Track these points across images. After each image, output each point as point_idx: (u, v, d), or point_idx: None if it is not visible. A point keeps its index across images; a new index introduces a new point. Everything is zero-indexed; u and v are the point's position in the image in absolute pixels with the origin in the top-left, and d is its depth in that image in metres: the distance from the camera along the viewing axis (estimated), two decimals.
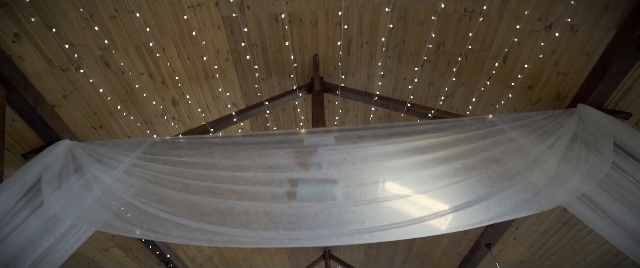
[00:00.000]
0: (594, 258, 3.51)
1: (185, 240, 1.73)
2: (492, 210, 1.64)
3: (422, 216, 1.62)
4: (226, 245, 1.73)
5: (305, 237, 1.62)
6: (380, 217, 1.64)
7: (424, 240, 5.25)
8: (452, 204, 1.67)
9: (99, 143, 2.48)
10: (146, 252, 4.04)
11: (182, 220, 1.70)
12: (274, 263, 6.71)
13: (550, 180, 1.83)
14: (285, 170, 1.94)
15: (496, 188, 1.74)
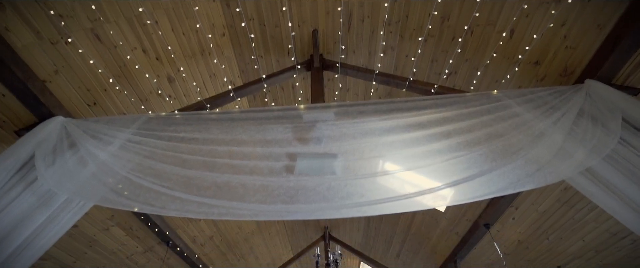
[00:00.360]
0: (592, 237, 3.52)
1: (181, 213, 1.70)
2: (495, 184, 1.60)
3: (423, 189, 1.59)
4: (222, 217, 1.70)
5: (304, 210, 1.59)
6: (381, 191, 1.60)
7: (422, 221, 5.29)
8: (453, 178, 1.63)
9: (93, 120, 2.42)
10: (146, 231, 4.06)
11: (178, 194, 1.67)
12: (274, 244, 6.81)
13: (555, 155, 1.78)
14: (283, 145, 1.89)
15: (499, 163, 1.69)
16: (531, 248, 4.15)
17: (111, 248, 3.94)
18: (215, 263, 5.63)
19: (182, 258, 4.74)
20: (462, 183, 1.60)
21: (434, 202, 1.63)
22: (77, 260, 3.73)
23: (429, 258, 5.88)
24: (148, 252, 4.37)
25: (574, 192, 3.29)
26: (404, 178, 1.68)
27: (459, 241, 4.87)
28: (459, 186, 1.61)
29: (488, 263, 5.01)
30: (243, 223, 5.56)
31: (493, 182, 1.61)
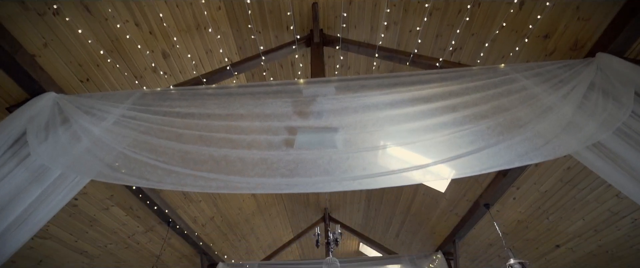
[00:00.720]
0: (592, 216, 3.52)
1: (178, 186, 1.66)
2: (502, 156, 1.55)
3: (428, 162, 1.53)
4: (220, 191, 1.66)
5: (304, 183, 1.55)
6: (383, 164, 1.55)
7: (422, 202, 5.31)
8: (459, 151, 1.57)
9: (86, 96, 2.35)
10: (147, 211, 4.06)
11: (175, 168, 1.63)
12: (275, 225, 6.87)
13: (564, 128, 1.72)
14: (282, 119, 1.82)
15: (506, 136, 1.64)
16: (531, 227, 4.17)
17: (112, 228, 3.95)
18: (216, 243, 5.69)
19: (183, 238, 4.77)
20: (468, 156, 1.55)
21: (439, 174, 1.57)
22: (79, 239, 3.75)
23: (428, 238, 5.94)
24: (149, 231, 4.39)
25: (577, 172, 3.26)
26: (408, 151, 1.62)
27: (458, 221, 4.89)
28: (465, 159, 1.55)
29: (487, 243, 5.06)
30: (243, 204, 5.58)
31: (500, 155, 1.56)
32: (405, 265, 5.27)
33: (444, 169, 1.57)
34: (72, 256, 3.83)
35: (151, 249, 4.63)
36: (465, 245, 5.37)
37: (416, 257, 5.30)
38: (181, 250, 5.21)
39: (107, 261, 4.27)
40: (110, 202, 3.67)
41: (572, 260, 4.14)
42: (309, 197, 6.21)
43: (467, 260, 5.68)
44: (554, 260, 4.33)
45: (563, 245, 4.05)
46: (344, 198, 6.22)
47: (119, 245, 4.22)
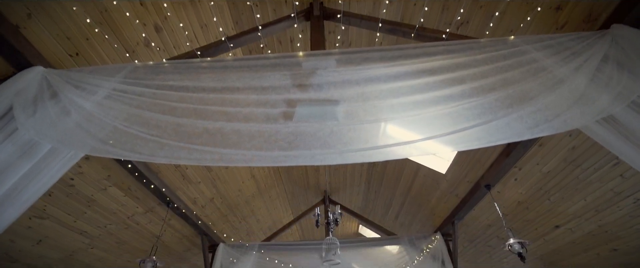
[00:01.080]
0: (594, 197, 3.49)
1: (171, 159, 1.59)
2: (511, 129, 1.48)
3: (433, 134, 1.46)
4: (215, 164, 1.59)
5: (304, 155, 1.48)
6: (386, 136, 1.48)
7: (423, 184, 5.29)
8: (466, 124, 1.50)
9: (76, 70, 2.24)
10: (145, 191, 4.03)
11: (168, 141, 1.55)
12: (275, 207, 6.90)
13: (576, 101, 1.64)
14: (281, 92, 1.73)
15: (516, 108, 1.55)
16: (531, 208, 4.16)
17: (111, 209, 3.93)
18: (217, 224, 5.72)
19: (183, 219, 4.77)
20: (475, 128, 1.47)
21: (445, 147, 1.50)
22: (77, 219, 3.73)
23: (427, 219, 5.97)
24: (149, 212, 4.38)
25: (582, 151, 3.20)
26: (412, 123, 1.54)
27: (458, 203, 4.88)
28: (473, 131, 1.48)
29: (485, 224, 5.08)
30: (243, 186, 5.57)
31: (509, 127, 1.48)
32: (404, 246, 5.32)
33: (451, 142, 1.50)
34: (72, 236, 3.83)
35: (152, 230, 4.64)
36: (464, 226, 5.39)
37: (415, 237, 5.34)
38: (182, 231, 5.23)
39: (108, 241, 4.28)
40: (107, 182, 3.63)
41: (571, 241, 4.15)
42: (308, 179, 6.20)
43: (465, 241, 5.73)
44: (553, 241, 4.35)
45: (563, 225, 4.05)
46: (344, 181, 6.21)
47: (119, 226, 4.22)
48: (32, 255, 3.64)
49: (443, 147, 1.50)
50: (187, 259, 5.94)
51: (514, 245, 3.55)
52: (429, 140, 1.46)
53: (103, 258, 4.42)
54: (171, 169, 4.17)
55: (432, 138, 1.46)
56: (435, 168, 4.75)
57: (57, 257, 3.90)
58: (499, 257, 5.52)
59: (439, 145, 1.50)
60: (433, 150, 1.51)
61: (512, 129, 1.48)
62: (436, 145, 1.50)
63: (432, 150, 1.51)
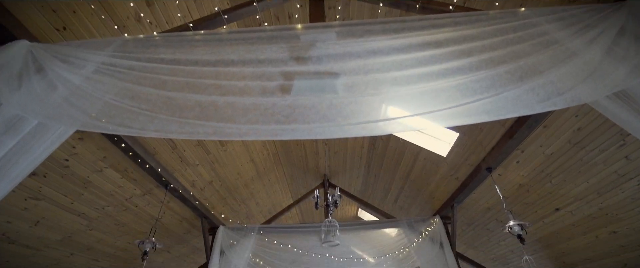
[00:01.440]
0: (597, 179, 3.45)
1: (162, 133, 1.52)
2: (521, 101, 1.39)
3: (440, 107, 1.38)
4: (208, 137, 1.53)
5: (301, 129, 1.41)
6: (390, 109, 1.40)
7: (423, 167, 5.25)
8: (474, 97, 1.41)
9: (63, 44, 2.14)
10: (142, 173, 3.99)
11: (158, 115, 1.47)
12: (275, 191, 6.90)
13: (590, 75, 1.55)
14: (278, 65, 1.64)
15: (526, 81, 1.47)
16: (532, 191, 4.13)
17: (108, 190, 3.89)
18: (216, 207, 5.72)
19: (182, 202, 4.76)
20: (484, 100, 1.39)
21: (453, 120, 1.43)
22: (74, 201, 3.70)
23: (427, 203, 5.98)
24: (147, 194, 4.36)
25: (588, 132, 3.13)
26: (417, 96, 1.46)
27: (458, 186, 4.86)
28: (481, 104, 1.40)
29: (485, 207, 5.07)
30: (242, 170, 5.53)
31: (520, 99, 1.40)
32: (402, 229, 5.34)
33: (458, 115, 1.42)
34: (70, 217, 3.81)
35: (150, 212, 4.63)
36: (463, 209, 5.40)
37: (414, 220, 5.35)
38: (181, 213, 5.23)
39: (107, 223, 4.27)
40: (103, 163, 3.57)
41: (571, 223, 4.15)
42: (308, 163, 6.16)
43: (464, 224, 5.75)
44: (552, 223, 4.34)
45: (563, 208, 4.03)
46: (343, 164, 6.17)
47: (117, 208, 4.20)
48: (30, 237, 3.63)
49: (450, 120, 1.43)
50: (187, 241, 5.98)
51: (514, 227, 3.54)
52: (436, 112, 1.38)
53: (103, 240, 4.42)
54: (168, 151, 4.11)
55: (438, 111, 1.38)
56: (436, 151, 4.70)
57: (56, 238, 3.89)
58: (497, 240, 5.56)
59: (446, 118, 1.42)
60: (440, 124, 1.44)
61: (522, 102, 1.40)
62: (443, 119, 1.42)
63: (439, 123, 1.43)
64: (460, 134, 4.16)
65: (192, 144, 4.32)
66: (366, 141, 5.45)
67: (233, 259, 5.03)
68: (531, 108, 1.39)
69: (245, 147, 5.15)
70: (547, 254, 4.96)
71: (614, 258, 4.15)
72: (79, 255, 4.32)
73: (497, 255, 5.87)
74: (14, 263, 3.76)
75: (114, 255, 4.82)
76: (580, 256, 4.54)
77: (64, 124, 1.67)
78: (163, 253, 5.77)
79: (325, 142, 5.50)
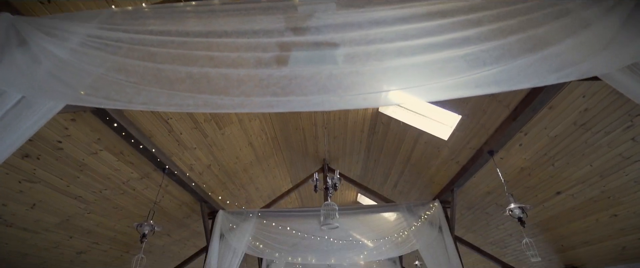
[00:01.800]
0: (601, 162, 3.39)
1: (150, 106, 1.44)
2: (534, 71, 1.30)
3: (447, 78, 1.29)
4: (199, 110, 1.44)
5: (299, 101, 1.32)
6: (393, 80, 1.31)
7: (423, 152, 5.19)
8: (484, 68, 1.32)
9: (48, 17, 2.02)
10: (139, 157, 3.92)
11: (146, 87, 1.39)
12: (274, 175, 6.87)
13: (605, 45, 1.45)
14: (273, 36, 1.54)
15: (539, 51, 1.37)
16: (533, 175, 4.08)
17: (104, 174, 3.84)
18: (216, 192, 5.69)
19: (181, 186, 4.72)
20: (494, 71, 1.30)
21: (462, 92, 1.34)
22: (70, 184, 3.65)
23: (426, 187, 5.96)
24: (144, 178, 4.31)
25: (594, 114, 3.05)
26: (423, 67, 1.37)
27: (458, 170, 4.82)
28: (492, 74, 1.31)
29: (485, 191, 5.05)
30: (240, 154, 5.47)
31: (532, 70, 1.31)
32: (402, 213, 5.33)
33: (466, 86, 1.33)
34: (67, 201, 3.77)
35: (149, 196, 4.60)
36: (463, 193, 5.38)
37: (413, 205, 5.34)
38: (180, 197, 5.21)
39: (105, 206, 4.24)
40: (97, 146, 3.50)
41: (572, 207, 4.13)
42: (307, 147, 6.10)
43: (463, 208, 5.76)
44: (552, 207, 4.33)
45: (564, 191, 4.00)
46: (343, 149, 6.12)
47: (114, 191, 4.16)
48: (27, 219, 3.60)
49: (458, 91, 1.34)
50: (187, 225, 6.00)
51: (515, 210, 3.51)
52: (443, 83, 1.29)
53: (102, 223, 4.41)
54: (164, 134, 4.03)
55: (445, 81, 1.29)
56: (437, 134, 4.62)
57: (54, 221, 3.87)
58: (496, 224, 5.57)
59: (454, 89, 1.33)
60: (447, 95, 1.35)
61: (534, 73, 1.31)
62: (451, 90, 1.33)
63: (446, 94, 1.34)
64: (462, 117, 4.08)
65: (188, 127, 4.24)
66: (366, 125, 5.37)
67: (233, 242, 5.04)
68: (544, 79, 1.30)
69: (243, 131, 5.08)
70: (546, 238, 4.98)
71: (613, 241, 4.15)
72: (79, 238, 4.32)
73: (496, 239, 5.91)
74: (13, 246, 3.75)
75: (114, 238, 4.83)
76: (579, 239, 4.55)
77: (48, 97, 1.59)
78: (163, 237, 5.79)
79: (324, 126, 5.42)
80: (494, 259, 5.47)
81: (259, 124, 5.21)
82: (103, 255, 4.93)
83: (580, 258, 4.86)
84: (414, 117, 4.79)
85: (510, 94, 3.37)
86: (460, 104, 3.93)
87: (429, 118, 4.74)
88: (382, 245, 5.62)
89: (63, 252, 4.28)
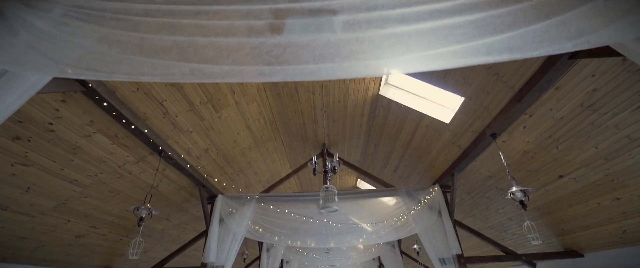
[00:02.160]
0: (607, 144, 3.31)
1: (133, 76, 1.34)
2: (550, 37, 1.19)
3: (454, 46, 1.18)
4: (186, 80, 1.34)
5: (294, 70, 1.23)
6: (397, 47, 1.21)
7: (424, 136, 5.11)
8: (495, 34, 1.21)
9: None
10: (134, 139, 3.85)
11: (129, 56, 1.28)
12: (273, 160, 6.82)
13: (629, 10, 1.33)
14: (267, 2, 1.41)
15: (554, 18, 1.26)
16: (536, 158, 4.01)
17: (99, 157, 3.77)
18: (214, 176, 5.65)
19: (179, 170, 4.67)
20: (506, 36, 1.19)
21: (470, 59, 1.24)
22: (65, 167, 3.58)
23: (427, 172, 5.92)
24: (141, 162, 4.24)
25: (603, 94, 2.94)
26: (428, 34, 1.26)
27: (460, 154, 4.75)
28: (504, 40, 1.20)
29: (486, 175, 5.00)
30: (238, 138, 5.40)
31: (548, 35, 1.20)
32: (401, 197, 5.30)
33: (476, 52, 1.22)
34: (62, 184, 3.72)
35: (146, 180, 4.55)
36: (463, 178, 5.34)
37: (413, 189, 5.30)
38: (178, 182, 5.17)
39: (101, 190, 4.20)
40: (91, 128, 3.41)
41: (574, 190, 4.08)
42: (306, 132, 6.02)
43: (463, 193, 5.73)
44: (554, 191, 4.28)
45: (567, 175, 3.94)
46: (342, 133, 6.03)
47: (110, 175, 4.10)
48: (22, 203, 3.56)
49: (468, 59, 1.23)
50: (186, 210, 5.99)
51: (517, 193, 3.46)
52: (451, 50, 1.18)
53: (99, 207, 4.38)
54: (159, 116, 3.94)
55: (454, 48, 1.19)
56: (438, 117, 4.53)
57: (50, 205, 3.83)
58: (496, 208, 5.56)
59: (463, 56, 1.23)
60: (454, 63, 1.24)
61: (551, 39, 1.20)
62: (459, 56, 1.23)
63: (454, 62, 1.24)
64: (465, 99, 3.97)
65: (184, 110, 4.14)
66: (366, 109, 5.27)
67: (232, 227, 5.04)
68: (561, 46, 1.19)
69: (240, 114, 4.98)
70: (546, 221, 4.97)
71: (614, 224, 4.13)
72: (76, 222, 4.30)
73: (495, 223, 5.91)
74: (9, 230, 3.73)
75: (112, 222, 4.81)
76: (579, 223, 4.53)
77: (27, 69, 1.49)
78: (162, 221, 5.79)
79: (323, 110, 5.31)
80: (493, 242, 5.49)
81: (256, 107, 5.10)
82: (102, 239, 4.93)
83: (579, 242, 4.87)
84: (415, 100, 4.68)
85: (516, 75, 3.25)
86: (463, 85, 3.81)
87: (431, 101, 4.63)
88: (381, 229, 5.63)
89: (61, 235, 4.26)
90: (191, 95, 4.06)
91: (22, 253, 4.08)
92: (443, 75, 3.88)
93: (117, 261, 5.59)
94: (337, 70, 1.24)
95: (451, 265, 4.62)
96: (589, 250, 4.88)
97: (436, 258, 4.80)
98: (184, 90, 3.92)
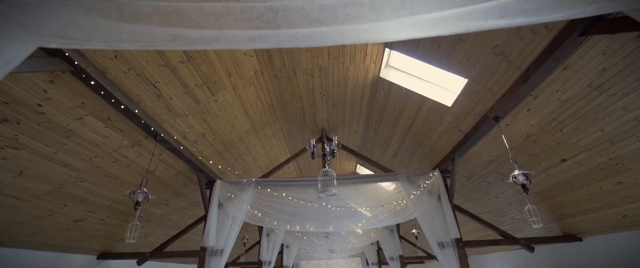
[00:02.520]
0: (613, 127, 3.22)
1: (110, 43, 1.23)
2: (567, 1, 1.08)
3: (464, 7, 1.07)
4: (168, 47, 1.24)
5: (287, 35, 1.12)
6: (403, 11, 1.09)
7: (425, 120, 5.01)
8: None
9: None
10: (128, 123, 3.75)
11: (105, 21, 1.17)
12: (272, 146, 6.75)
13: None
14: None
15: None
16: (539, 142, 3.93)
17: (93, 140, 3.68)
18: (212, 161, 5.59)
19: (176, 154, 4.59)
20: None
21: (481, 23, 1.12)
22: (58, 151, 3.50)
23: (427, 156, 5.85)
24: (136, 146, 4.16)
25: (612, 74, 2.83)
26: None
27: (461, 138, 4.67)
28: (519, 2, 1.09)
29: (487, 160, 4.94)
30: (236, 122, 5.30)
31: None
32: (401, 182, 5.25)
33: (487, 15, 1.11)
34: (56, 168, 3.65)
35: (142, 164, 4.48)
36: (464, 162, 5.28)
37: (413, 174, 5.25)
38: (176, 167, 5.11)
39: (97, 175, 4.13)
40: (82, 111, 3.31)
41: (576, 174, 4.02)
42: (305, 116, 5.91)
43: (463, 178, 5.69)
44: (556, 175, 4.23)
45: (570, 159, 3.87)
46: (342, 118, 5.93)
47: (105, 159, 4.03)
48: (15, 187, 3.50)
49: (479, 22, 1.12)
50: (185, 195, 5.96)
51: (519, 176, 3.39)
52: (460, 10, 1.07)
53: (95, 191, 4.33)
54: (153, 98, 3.83)
55: (463, 10, 1.07)
56: (440, 100, 4.42)
57: (45, 189, 3.77)
58: (496, 193, 5.53)
59: (473, 19, 1.11)
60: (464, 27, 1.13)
61: (571, 2, 1.08)
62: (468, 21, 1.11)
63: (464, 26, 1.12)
64: (468, 81, 3.85)
65: (179, 92, 4.03)
66: (366, 92, 5.15)
67: (232, 211, 5.02)
68: (581, 9, 1.08)
69: (238, 98, 4.86)
70: (546, 206, 4.94)
71: (615, 209, 4.10)
72: (73, 206, 4.26)
73: (494, 208, 5.90)
74: (5, 214, 3.69)
75: (110, 207, 4.78)
76: (579, 207, 4.50)
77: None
78: (162, 206, 5.77)
79: (323, 93, 5.19)
80: (492, 227, 5.49)
81: (253, 91, 4.98)
82: (101, 223, 4.91)
83: (578, 226, 4.86)
84: (416, 83, 4.55)
85: (523, 54, 3.12)
86: (467, 66, 3.68)
87: (433, 83, 4.51)
88: (380, 214, 5.61)
89: (58, 220, 4.24)
90: (186, 77, 3.93)
91: (20, 237, 4.05)
92: (446, 55, 3.74)
93: (117, 245, 5.60)
94: (333, 34, 1.13)
95: (450, 249, 4.62)
96: (588, 234, 4.88)
97: (435, 242, 4.80)
98: (177, 71, 3.79)
